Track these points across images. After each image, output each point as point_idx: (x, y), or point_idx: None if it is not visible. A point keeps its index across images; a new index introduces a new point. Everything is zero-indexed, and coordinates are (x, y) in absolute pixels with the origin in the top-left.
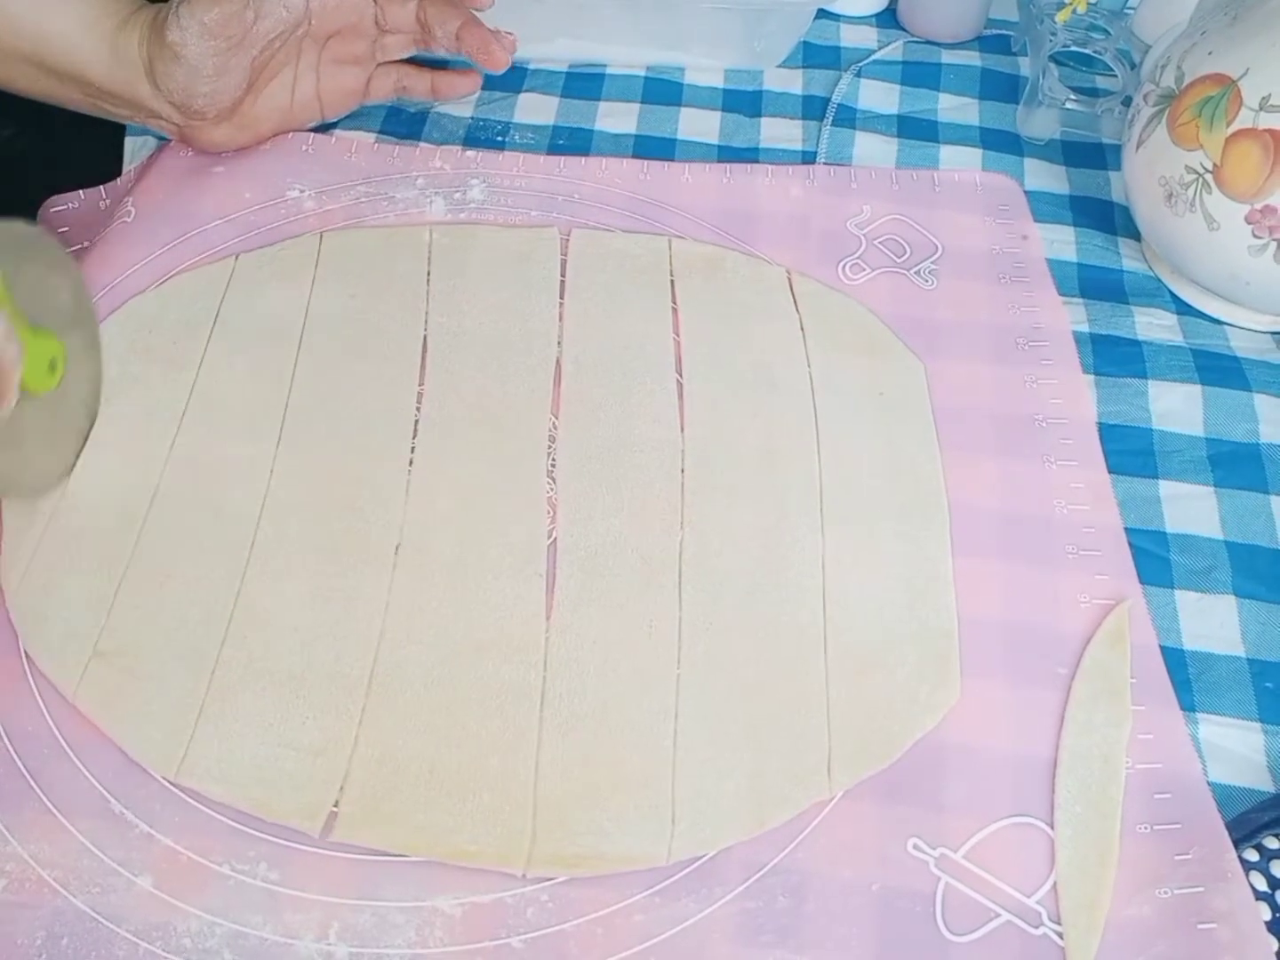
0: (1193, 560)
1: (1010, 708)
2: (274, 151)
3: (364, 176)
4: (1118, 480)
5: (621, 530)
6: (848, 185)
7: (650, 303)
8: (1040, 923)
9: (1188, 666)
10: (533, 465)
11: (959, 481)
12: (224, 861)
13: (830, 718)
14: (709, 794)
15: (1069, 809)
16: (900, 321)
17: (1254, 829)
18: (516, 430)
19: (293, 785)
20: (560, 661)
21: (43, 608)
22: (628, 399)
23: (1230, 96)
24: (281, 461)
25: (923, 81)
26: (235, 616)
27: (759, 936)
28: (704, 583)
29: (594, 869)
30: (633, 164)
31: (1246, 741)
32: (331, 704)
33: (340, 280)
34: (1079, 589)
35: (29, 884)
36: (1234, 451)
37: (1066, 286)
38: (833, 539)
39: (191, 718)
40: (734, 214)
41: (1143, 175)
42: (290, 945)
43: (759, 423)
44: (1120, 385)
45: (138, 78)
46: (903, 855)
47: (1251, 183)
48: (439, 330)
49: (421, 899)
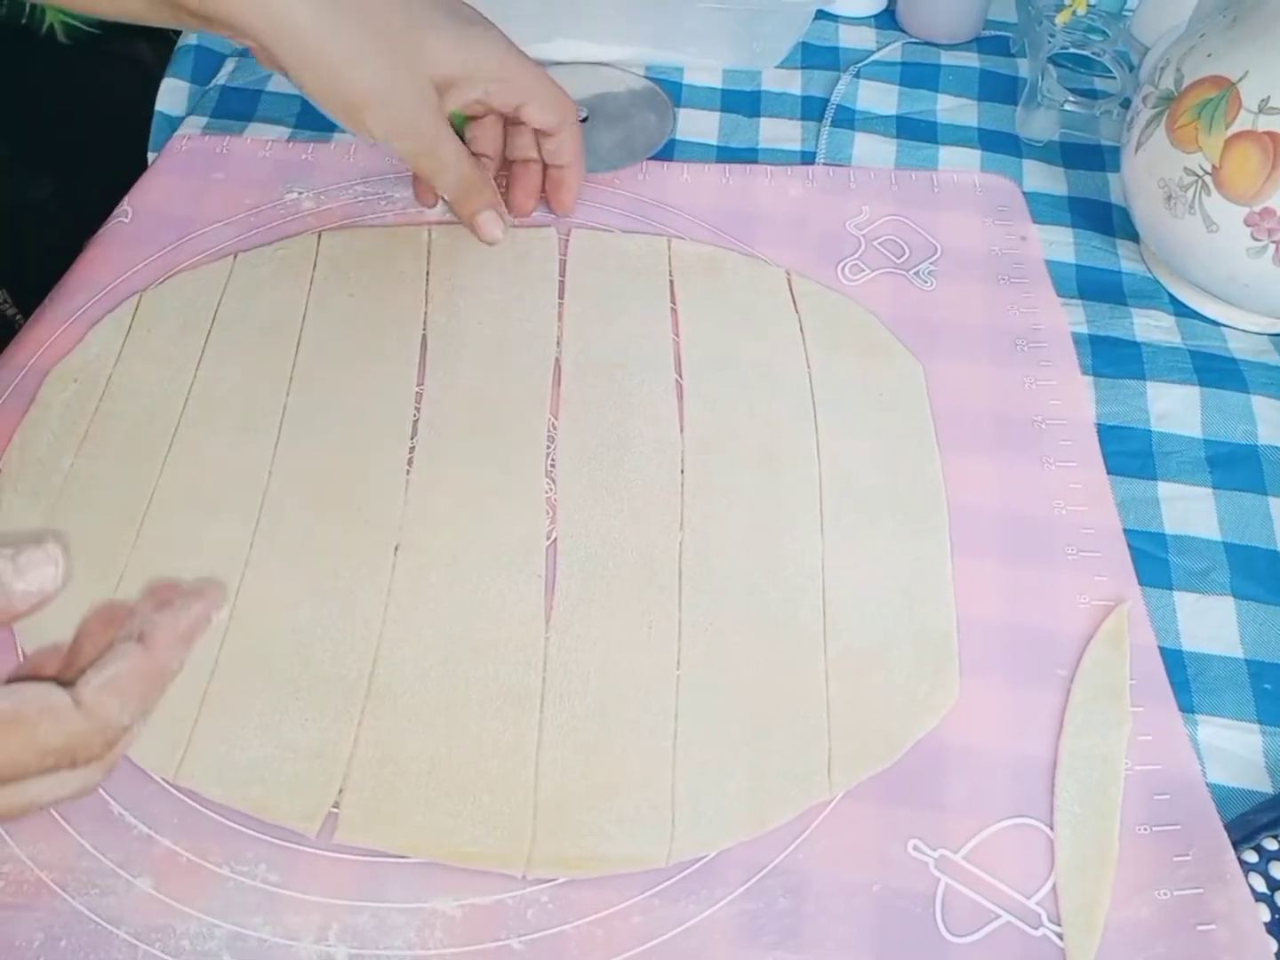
0: (1191, 561)
1: (1009, 708)
2: (273, 158)
3: (362, 176)
4: (1116, 481)
5: (621, 531)
6: (846, 186)
7: (649, 303)
8: (1040, 924)
9: (1186, 668)
10: (532, 466)
11: (958, 482)
12: (223, 863)
13: (830, 718)
14: (709, 795)
15: (1068, 810)
16: (899, 322)
17: (1253, 830)
18: (515, 430)
19: (292, 786)
20: (560, 662)
21: None
22: (627, 399)
23: (1229, 99)
24: (279, 461)
25: (921, 82)
26: (233, 617)
27: (759, 938)
28: (703, 583)
29: (594, 870)
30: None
31: (1245, 743)
32: (330, 705)
33: (339, 279)
34: (1078, 590)
35: (27, 885)
36: (1232, 453)
37: (1065, 288)
38: (832, 539)
39: (190, 719)
40: (733, 214)
41: (1141, 177)
42: (290, 947)
43: (758, 423)
44: (1119, 386)
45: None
46: (903, 856)
47: (1250, 185)
48: (438, 330)
49: (421, 900)
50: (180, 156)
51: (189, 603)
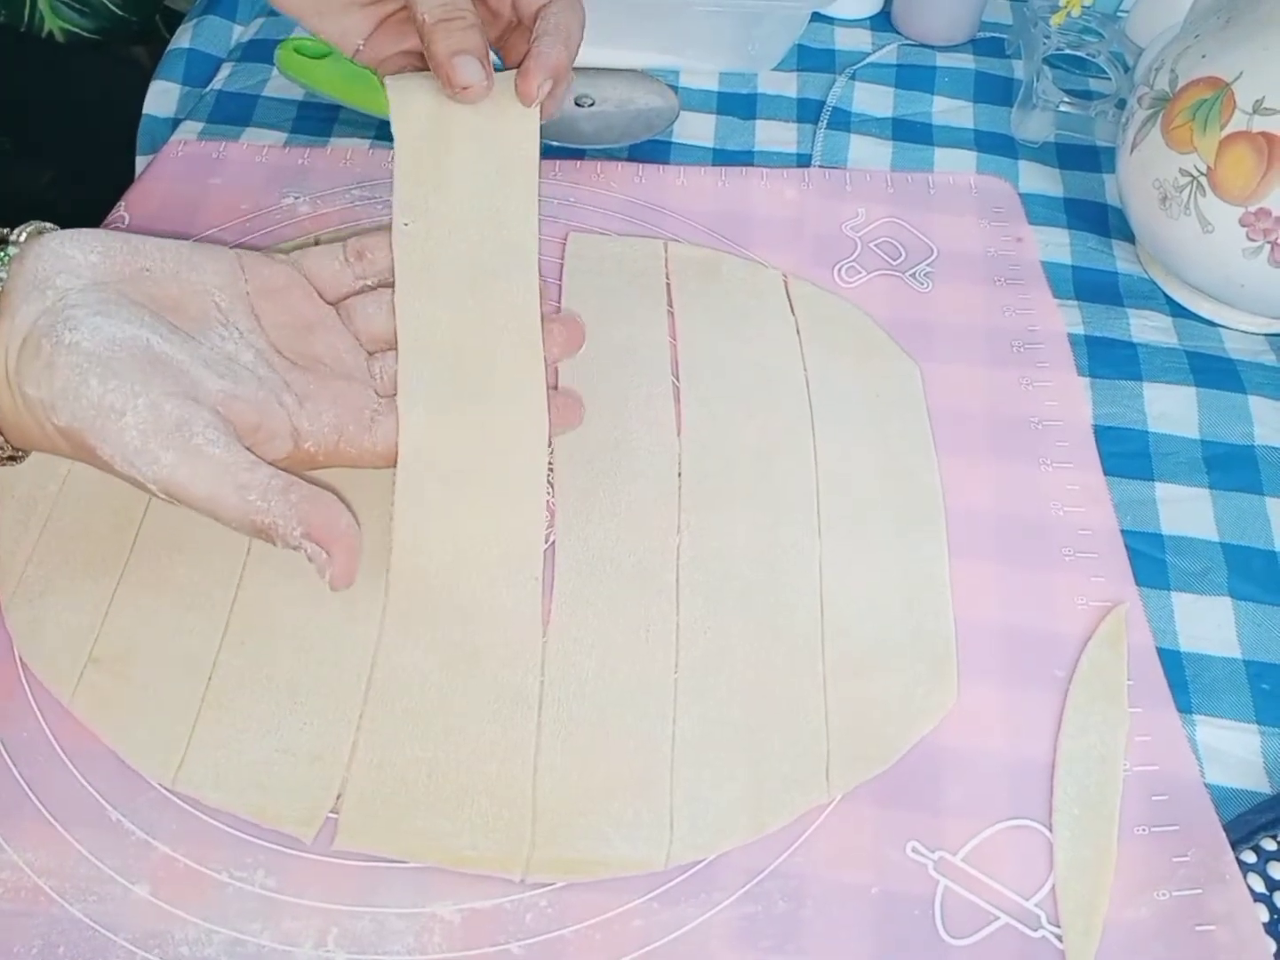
0: (1189, 562)
1: (1007, 710)
2: (270, 163)
3: (358, 180)
4: (1113, 482)
5: (619, 534)
6: (842, 188)
7: (646, 306)
8: (1039, 925)
9: (1184, 668)
10: (530, 468)
11: (955, 484)
12: (222, 869)
13: (828, 721)
14: (707, 798)
15: (1067, 811)
16: (895, 324)
17: (1251, 830)
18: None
19: (290, 791)
20: (558, 666)
21: (38, 614)
22: (624, 402)
23: (1224, 99)
24: None
25: (917, 84)
26: (231, 622)
27: (758, 941)
28: (701, 586)
29: (593, 874)
30: (627, 167)
31: (1243, 743)
32: (329, 710)
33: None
34: (1075, 591)
35: (25, 892)
36: (1229, 453)
37: (1061, 289)
38: (829, 542)
39: (188, 724)
40: (729, 217)
41: (1137, 178)
42: (289, 953)
43: (755, 426)
44: (1115, 388)
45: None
46: (901, 858)
47: (1245, 186)
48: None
49: (420, 905)
50: (177, 161)
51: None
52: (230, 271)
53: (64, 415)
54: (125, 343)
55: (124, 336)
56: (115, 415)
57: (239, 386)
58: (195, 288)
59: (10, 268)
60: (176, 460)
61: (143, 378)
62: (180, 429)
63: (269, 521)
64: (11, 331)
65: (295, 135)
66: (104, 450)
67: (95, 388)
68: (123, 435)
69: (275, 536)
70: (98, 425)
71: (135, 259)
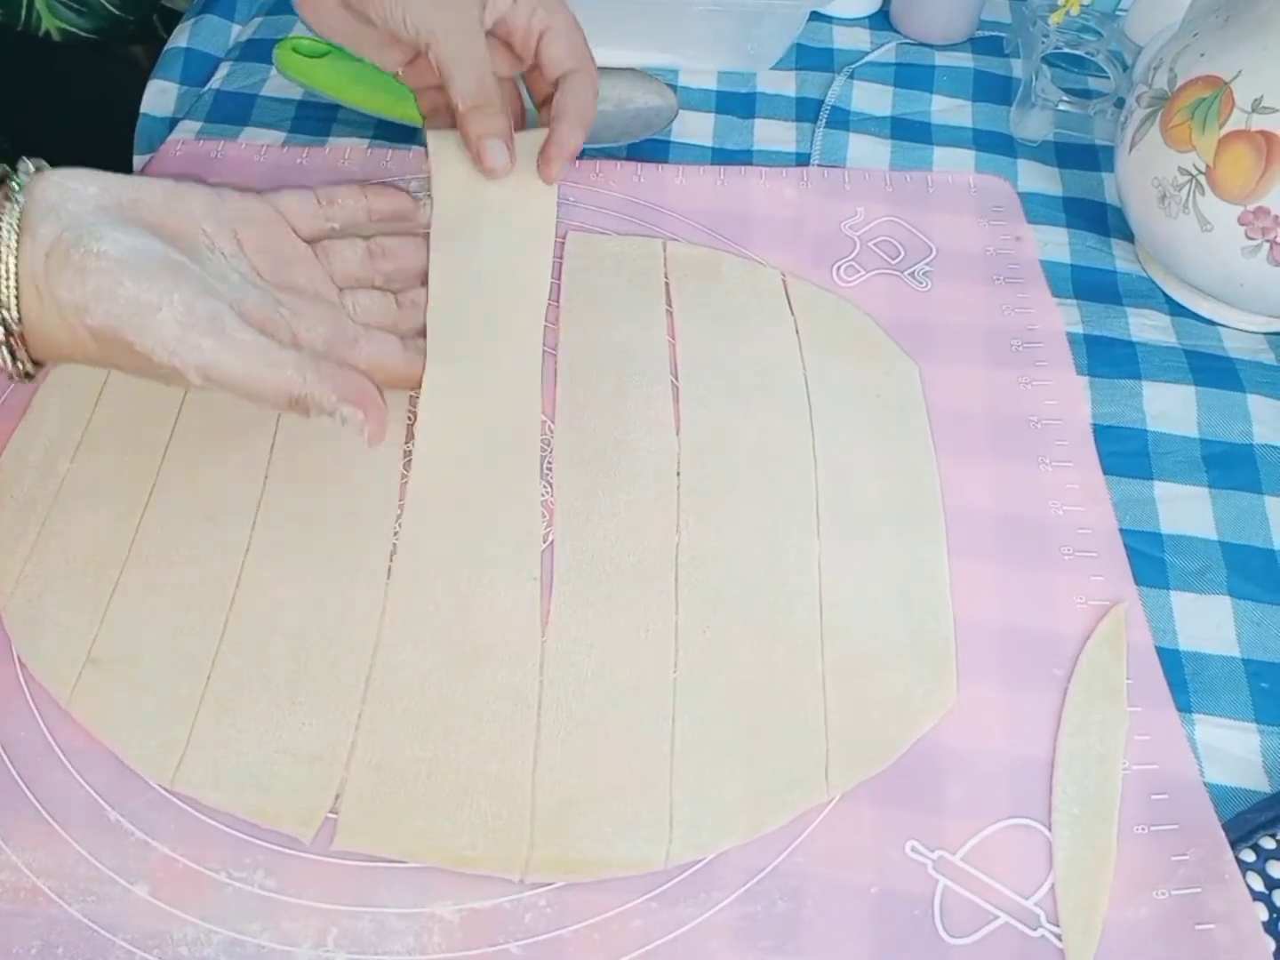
0: (1188, 561)
1: (1007, 710)
2: (268, 163)
3: (357, 179)
4: (1113, 481)
5: (618, 534)
6: (841, 187)
7: (645, 305)
8: (1039, 924)
9: (1184, 667)
10: (528, 469)
11: (954, 483)
12: (221, 869)
13: (827, 721)
14: (706, 798)
15: (1066, 810)
16: (895, 324)
17: (1250, 829)
18: (512, 433)
19: (289, 791)
20: (557, 666)
21: (37, 614)
22: (623, 402)
23: (1223, 98)
24: (276, 465)
25: (916, 83)
26: (230, 622)
27: (758, 940)
28: (700, 586)
29: (592, 874)
30: (626, 166)
31: (1243, 742)
32: (328, 710)
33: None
34: (1075, 590)
35: (24, 893)
36: (1228, 452)
37: (1060, 288)
38: (829, 541)
39: (187, 724)
40: (728, 216)
41: (1136, 177)
42: (288, 953)
43: (754, 425)
44: (1115, 387)
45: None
46: (901, 858)
47: (1244, 184)
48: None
49: (420, 905)
50: (174, 161)
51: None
52: (211, 202)
53: (98, 315)
54: (146, 251)
55: (143, 246)
56: (152, 310)
57: (244, 293)
58: (183, 216)
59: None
60: (217, 345)
61: (171, 278)
62: (214, 320)
63: (306, 392)
64: (34, 247)
65: (294, 134)
66: (142, 343)
67: (130, 287)
68: (161, 329)
69: (311, 405)
70: (135, 321)
71: (128, 191)
